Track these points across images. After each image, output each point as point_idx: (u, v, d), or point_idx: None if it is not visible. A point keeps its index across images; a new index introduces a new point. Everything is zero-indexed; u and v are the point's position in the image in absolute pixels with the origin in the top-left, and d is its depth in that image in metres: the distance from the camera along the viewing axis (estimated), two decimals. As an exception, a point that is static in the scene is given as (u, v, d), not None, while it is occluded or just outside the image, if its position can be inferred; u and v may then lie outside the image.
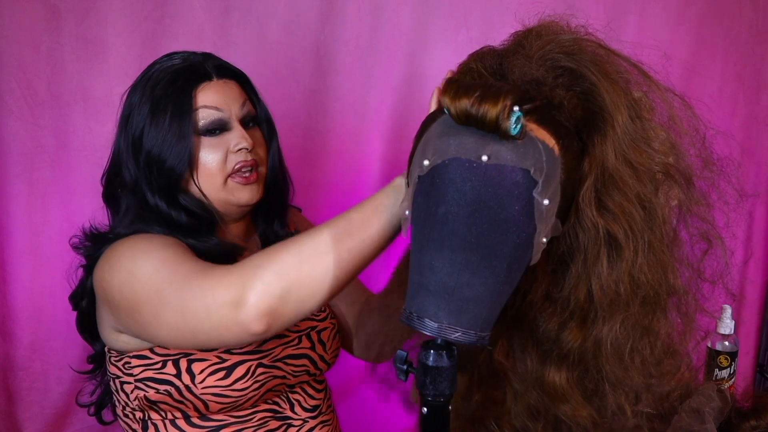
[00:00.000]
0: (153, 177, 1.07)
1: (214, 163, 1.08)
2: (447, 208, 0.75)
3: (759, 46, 1.89)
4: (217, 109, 1.08)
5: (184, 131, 1.06)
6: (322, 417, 1.20)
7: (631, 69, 0.85)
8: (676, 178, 0.85)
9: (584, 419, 0.90)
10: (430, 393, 0.80)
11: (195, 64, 1.10)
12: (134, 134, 1.08)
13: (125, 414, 1.13)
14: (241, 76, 1.14)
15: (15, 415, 1.66)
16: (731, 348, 1.40)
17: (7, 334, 1.62)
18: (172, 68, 1.09)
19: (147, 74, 1.11)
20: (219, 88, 1.09)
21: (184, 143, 1.06)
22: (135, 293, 0.98)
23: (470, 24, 1.74)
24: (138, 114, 1.08)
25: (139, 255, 1.01)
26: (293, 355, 1.16)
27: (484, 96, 0.72)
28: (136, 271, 0.98)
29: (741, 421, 1.05)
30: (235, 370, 1.07)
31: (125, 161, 1.10)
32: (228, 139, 1.09)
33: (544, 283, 0.88)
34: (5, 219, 1.59)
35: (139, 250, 1.02)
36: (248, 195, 1.10)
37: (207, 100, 1.08)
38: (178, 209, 1.08)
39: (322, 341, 1.20)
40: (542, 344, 0.90)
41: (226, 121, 1.09)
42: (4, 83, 1.53)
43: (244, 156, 1.09)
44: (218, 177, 1.08)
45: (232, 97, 1.10)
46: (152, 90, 1.08)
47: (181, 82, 1.07)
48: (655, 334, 0.88)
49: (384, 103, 1.75)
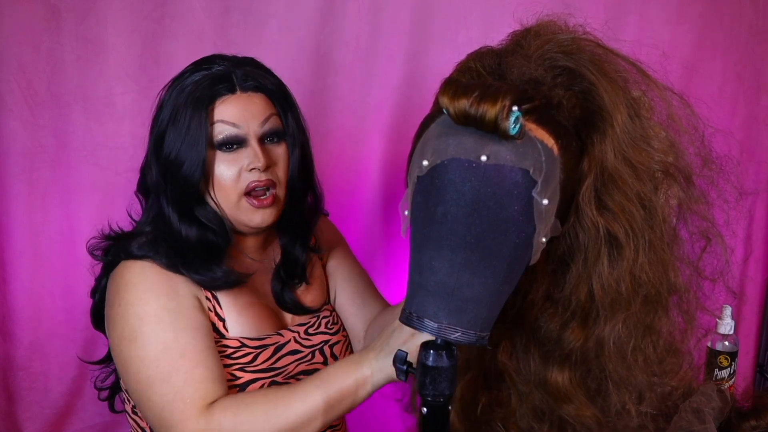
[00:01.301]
0: (169, 183, 1.07)
1: (228, 179, 1.06)
2: (446, 208, 0.75)
3: (759, 46, 1.89)
4: (234, 125, 1.06)
5: (199, 141, 1.05)
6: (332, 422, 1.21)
7: (629, 68, 0.85)
8: (675, 177, 0.85)
9: (588, 419, 0.90)
10: (429, 393, 0.79)
11: (222, 76, 1.07)
12: (157, 133, 1.08)
13: (134, 412, 1.13)
14: (271, 90, 1.11)
15: (15, 415, 1.66)
16: (731, 348, 1.40)
17: (7, 334, 1.62)
18: (198, 77, 1.07)
19: (180, 77, 1.10)
20: (240, 102, 1.07)
21: (198, 151, 1.05)
22: (130, 365, 1.02)
23: (470, 24, 1.74)
24: (162, 115, 1.08)
25: (146, 323, 1.02)
26: (306, 371, 1.14)
27: (483, 96, 0.72)
28: (138, 344, 1.01)
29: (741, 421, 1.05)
30: (248, 388, 1.07)
31: (151, 159, 1.10)
32: (243, 156, 1.06)
33: (545, 284, 0.88)
34: (5, 219, 1.59)
35: (147, 311, 1.02)
36: (259, 219, 1.08)
37: (225, 114, 1.06)
38: (189, 224, 1.07)
39: (335, 355, 1.20)
40: (544, 345, 0.90)
41: (242, 138, 1.06)
42: (4, 83, 1.53)
43: (258, 176, 1.06)
44: (232, 193, 1.07)
45: (253, 112, 1.07)
46: (177, 95, 1.07)
47: (201, 94, 1.06)
48: (657, 333, 0.88)
49: (384, 103, 1.75)
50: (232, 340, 1.08)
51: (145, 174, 1.12)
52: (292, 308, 1.17)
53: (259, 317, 1.11)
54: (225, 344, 1.07)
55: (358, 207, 1.81)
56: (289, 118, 1.12)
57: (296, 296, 1.18)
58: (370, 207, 1.82)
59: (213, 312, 1.08)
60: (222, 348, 1.07)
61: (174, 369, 0.99)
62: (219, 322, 1.08)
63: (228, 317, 1.08)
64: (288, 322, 1.17)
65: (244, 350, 1.08)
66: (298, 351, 1.15)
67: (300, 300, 1.18)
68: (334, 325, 1.22)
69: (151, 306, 1.02)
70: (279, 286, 1.16)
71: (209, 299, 1.08)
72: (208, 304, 1.08)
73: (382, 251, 1.85)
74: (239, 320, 1.09)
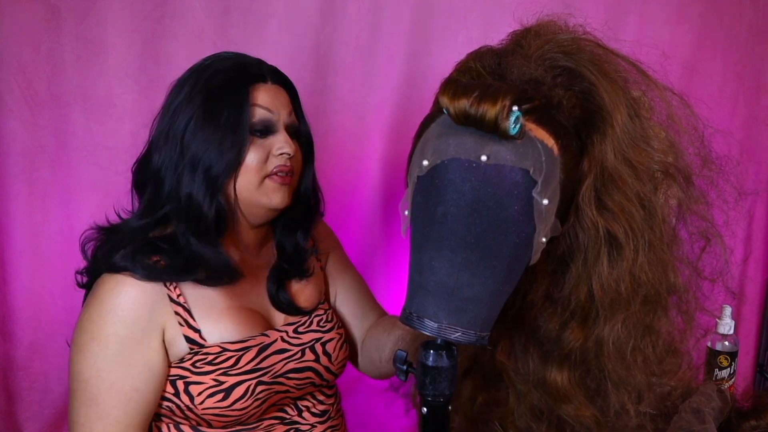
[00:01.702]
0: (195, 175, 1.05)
1: (255, 162, 1.06)
2: (446, 208, 0.75)
3: (759, 46, 1.89)
4: (269, 111, 1.08)
5: (240, 125, 1.04)
6: (331, 422, 1.20)
7: (629, 68, 0.85)
8: (675, 177, 0.85)
9: (587, 419, 0.90)
10: (429, 393, 0.80)
11: (251, 64, 1.10)
12: (179, 127, 1.06)
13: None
14: (291, 87, 1.14)
15: (15, 415, 1.66)
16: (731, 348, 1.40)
17: (7, 334, 1.62)
18: (229, 63, 1.09)
19: (200, 67, 1.09)
20: (271, 91, 1.09)
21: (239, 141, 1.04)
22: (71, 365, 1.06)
23: (470, 24, 1.74)
24: (186, 107, 1.06)
25: (94, 343, 1.03)
26: (296, 369, 1.14)
27: (483, 96, 0.72)
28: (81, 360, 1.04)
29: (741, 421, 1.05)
30: (234, 391, 1.06)
31: (159, 150, 1.07)
32: (272, 142, 1.08)
33: (545, 283, 0.88)
34: (5, 219, 1.59)
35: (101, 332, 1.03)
36: (280, 198, 1.09)
37: (260, 99, 1.07)
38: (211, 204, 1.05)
39: (328, 353, 1.19)
40: (543, 344, 0.90)
41: (274, 123, 1.08)
42: (4, 83, 1.53)
43: (284, 161, 1.08)
44: (256, 177, 1.07)
45: (282, 102, 1.10)
46: (207, 81, 1.06)
47: (238, 78, 1.07)
48: (656, 333, 0.88)
49: (384, 102, 1.75)
50: (212, 347, 1.07)
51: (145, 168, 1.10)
52: (286, 309, 1.17)
53: (239, 321, 1.10)
54: (205, 352, 1.06)
55: (358, 207, 1.81)
56: (301, 117, 1.16)
57: (291, 297, 1.18)
58: (370, 207, 1.82)
59: (186, 326, 1.07)
60: (203, 356, 1.06)
61: (95, 399, 1.03)
62: (194, 334, 1.07)
63: (203, 326, 1.07)
64: (278, 322, 1.17)
65: (226, 354, 1.07)
66: (286, 350, 1.14)
67: (295, 300, 1.18)
68: (328, 323, 1.22)
69: (105, 329, 1.03)
70: (274, 287, 1.16)
71: (179, 314, 1.06)
72: (179, 319, 1.06)
73: (382, 251, 1.85)
74: (216, 327, 1.08)
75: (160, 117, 1.10)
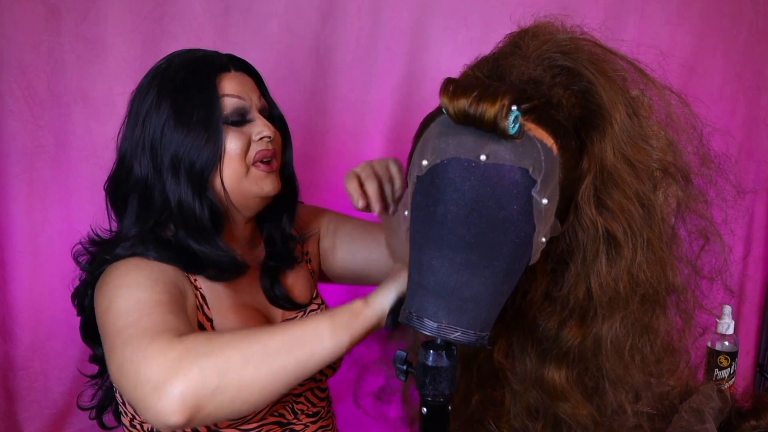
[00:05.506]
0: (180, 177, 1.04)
1: (237, 150, 1.05)
2: (446, 207, 0.76)
3: (759, 46, 1.89)
4: (240, 98, 1.07)
5: (213, 120, 1.04)
6: (322, 422, 1.20)
7: (628, 67, 0.85)
8: (674, 176, 0.85)
9: (584, 418, 0.90)
10: (429, 393, 0.80)
11: (210, 56, 1.09)
12: (153, 134, 1.04)
13: (132, 425, 1.11)
14: (253, 72, 1.14)
15: (15, 415, 1.66)
16: (731, 348, 1.40)
17: (7, 334, 1.62)
18: (189, 60, 1.07)
19: (159, 70, 1.08)
20: (237, 78, 1.09)
21: (214, 136, 1.03)
22: (105, 326, 0.94)
23: (470, 24, 1.74)
24: (157, 112, 1.04)
25: (123, 287, 0.97)
26: None
27: (482, 96, 0.72)
28: (113, 305, 0.95)
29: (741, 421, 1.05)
30: None
31: (138, 160, 1.05)
32: (250, 128, 1.08)
33: (544, 283, 0.88)
34: (5, 219, 1.59)
35: (126, 281, 0.98)
36: (270, 185, 1.09)
37: (228, 89, 1.06)
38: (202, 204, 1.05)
39: None
40: (542, 343, 0.90)
41: (248, 110, 1.08)
42: (4, 83, 1.53)
43: (266, 145, 1.08)
44: (241, 165, 1.06)
45: (250, 87, 1.10)
46: (171, 83, 1.05)
47: (201, 72, 1.06)
48: (654, 332, 0.88)
49: (384, 102, 1.75)
50: None
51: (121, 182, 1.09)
52: (283, 303, 1.17)
53: (244, 318, 1.10)
54: None
55: (358, 207, 1.80)
56: (270, 101, 1.15)
57: (286, 290, 1.18)
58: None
59: (201, 311, 1.06)
60: None
61: (146, 314, 0.92)
62: (207, 323, 1.07)
63: (215, 318, 1.07)
64: (276, 319, 1.17)
65: None
66: None
67: (290, 294, 1.18)
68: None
69: (131, 276, 0.98)
70: (269, 282, 1.16)
71: (198, 297, 1.07)
72: (197, 301, 1.06)
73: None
74: (225, 322, 1.08)
75: (129, 128, 1.08)
